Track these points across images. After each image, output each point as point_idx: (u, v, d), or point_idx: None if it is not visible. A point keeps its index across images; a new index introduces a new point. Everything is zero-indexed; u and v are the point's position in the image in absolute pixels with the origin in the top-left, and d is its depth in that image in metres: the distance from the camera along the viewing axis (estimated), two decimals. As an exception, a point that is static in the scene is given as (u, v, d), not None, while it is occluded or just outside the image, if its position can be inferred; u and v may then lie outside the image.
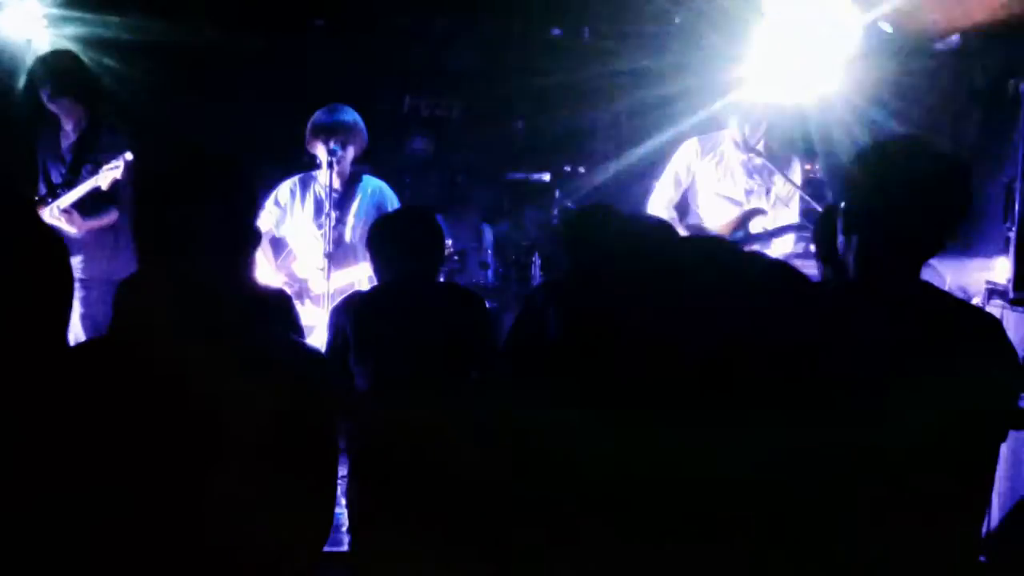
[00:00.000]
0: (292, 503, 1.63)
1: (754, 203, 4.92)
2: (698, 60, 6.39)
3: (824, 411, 1.69)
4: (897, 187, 1.97)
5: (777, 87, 5.23)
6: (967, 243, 4.23)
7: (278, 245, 4.77)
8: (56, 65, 4.66)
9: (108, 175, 4.52)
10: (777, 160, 4.90)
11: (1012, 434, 2.02)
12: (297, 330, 3.08)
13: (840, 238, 2.03)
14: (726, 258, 1.55)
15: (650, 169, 5.27)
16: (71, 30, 5.48)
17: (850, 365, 1.80)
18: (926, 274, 2.03)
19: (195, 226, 1.67)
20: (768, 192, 4.91)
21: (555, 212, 6.39)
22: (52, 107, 4.62)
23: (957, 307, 1.99)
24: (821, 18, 5.30)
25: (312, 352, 1.72)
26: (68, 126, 4.68)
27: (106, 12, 5.51)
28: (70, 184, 4.63)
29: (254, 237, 1.77)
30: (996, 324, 1.98)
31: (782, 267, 1.54)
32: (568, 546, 1.45)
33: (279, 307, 2.94)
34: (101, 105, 4.74)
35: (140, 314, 1.62)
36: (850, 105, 6.34)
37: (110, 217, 4.69)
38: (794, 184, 4.89)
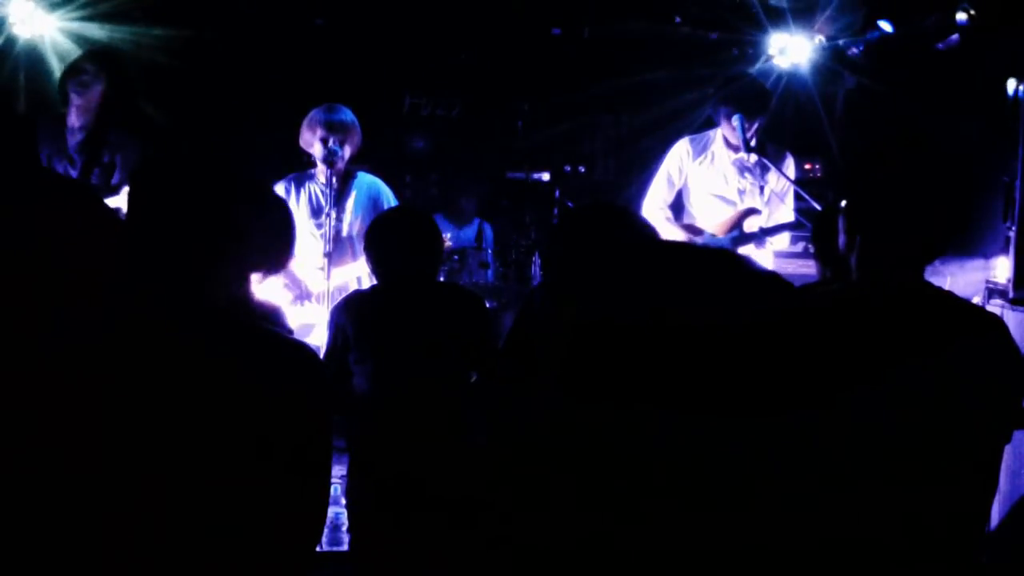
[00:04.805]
0: (284, 502, 1.63)
1: (748, 202, 4.91)
2: (698, 59, 6.40)
3: (825, 412, 1.69)
4: (902, 187, 1.97)
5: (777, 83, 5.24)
6: (967, 243, 4.23)
7: (277, 245, 4.77)
8: (102, 56, 4.63)
9: None
10: (771, 156, 4.89)
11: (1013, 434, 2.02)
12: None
13: (842, 237, 2.03)
14: (724, 260, 1.55)
15: (650, 168, 5.27)
16: (73, 33, 5.48)
17: (854, 363, 1.80)
18: (927, 274, 2.03)
19: (196, 228, 1.67)
20: (762, 190, 4.90)
21: (555, 212, 6.39)
22: (73, 96, 4.54)
23: (960, 307, 1.99)
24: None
25: (305, 348, 1.72)
26: (77, 123, 4.61)
27: (107, 12, 5.51)
28: None
29: (261, 246, 1.77)
30: (999, 324, 1.97)
31: (776, 278, 1.54)
32: (569, 544, 1.45)
33: (269, 312, 2.94)
34: (118, 112, 4.69)
35: (134, 313, 1.62)
36: (852, 104, 6.35)
37: None
38: (788, 179, 4.88)
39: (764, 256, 4.85)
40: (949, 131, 4.93)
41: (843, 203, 2.05)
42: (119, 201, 4.51)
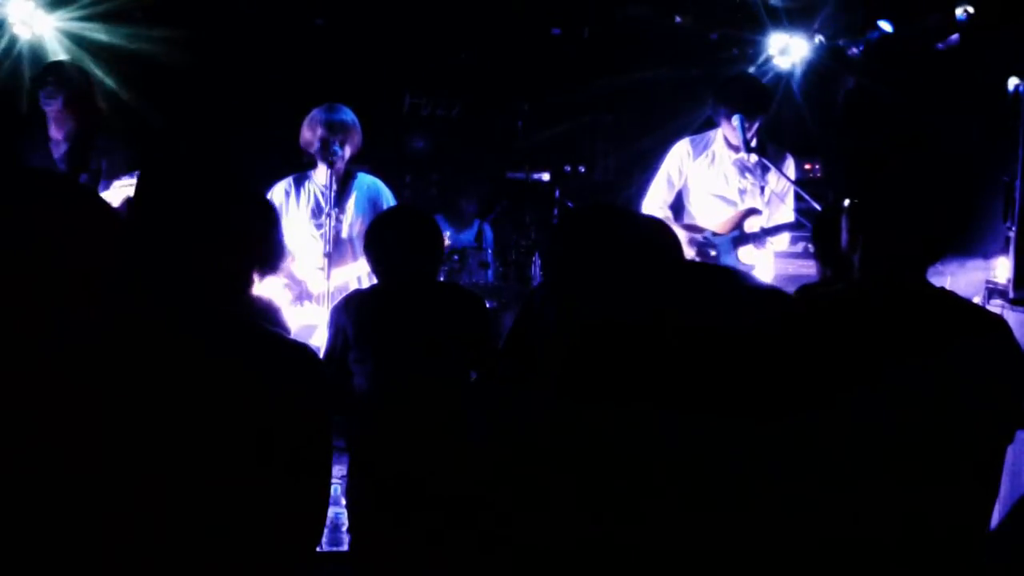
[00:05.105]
0: (284, 502, 1.63)
1: (748, 202, 4.91)
2: (698, 59, 6.41)
3: (825, 413, 1.68)
4: (905, 187, 1.97)
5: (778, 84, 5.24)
6: (967, 243, 4.23)
7: (276, 245, 4.75)
8: (60, 67, 4.65)
9: (121, 191, 4.47)
10: (771, 156, 4.89)
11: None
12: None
13: (845, 237, 2.03)
14: (727, 270, 1.56)
15: (650, 168, 5.27)
16: (73, 33, 5.49)
17: (856, 363, 1.80)
18: (927, 274, 2.03)
19: (197, 229, 1.68)
20: (762, 190, 4.90)
21: (555, 212, 6.39)
22: (47, 109, 4.56)
23: (962, 307, 1.99)
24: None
25: (304, 348, 1.72)
26: (59, 135, 4.61)
27: (106, 12, 5.51)
28: None
29: (262, 245, 1.77)
30: (1002, 324, 1.98)
31: (776, 290, 1.55)
32: (569, 544, 1.45)
33: (268, 312, 2.94)
34: (95, 117, 4.68)
35: (134, 313, 1.62)
36: (852, 104, 6.35)
37: None
38: (788, 179, 4.88)
39: (764, 256, 4.85)
40: (949, 131, 4.93)
41: (846, 202, 2.05)
42: (110, 196, 4.50)
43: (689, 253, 4.76)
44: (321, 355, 3.13)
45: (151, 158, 4.56)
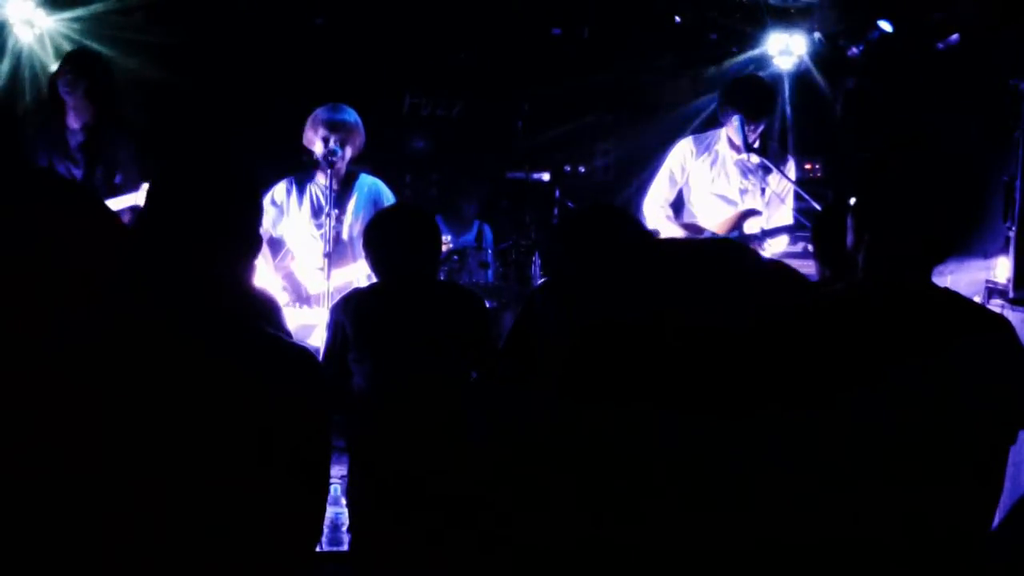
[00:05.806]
0: (284, 502, 1.63)
1: (748, 203, 4.91)
2: (698, 59, 6.42)
3: (825, 412, 1.69)
4: (912, 186, 1.97)
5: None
6: (967, 243, 4.24)
7: (275, 245, 4.77)
8: (82, 56, 4.68)
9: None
10: (773, 158, 4.89)
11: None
12: (284, 335, 3.05)
13: (850, 236, 2.03)
14: (726, 259, 1.55)
15: (650, 168, 5.27)
16: (73, 34, 5.49)
17: (859, 363, 1.80)
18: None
19: (202, 230, 1.68)
20: (763, 191, 4.90)
21: (555, 212, 6.39)
22: (67, 98, 4.57)
23: (966, 307, 1.99)
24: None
25: (303, 350, 1.72)
26: (76, 124, 4.63)
27: (107, 12, 5.52)
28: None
29: (257, 243, 1.78)
30: (1006, 324, 1.98)
31: (781, 267, 1.54)
32: (569, 544, 1.45)
33: (268, 310, 2.93)
34: (112, 108, 4.70)
35: (134, 314, 1.62)
36: (852, 104, 6.35)
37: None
38: (790, 180, 4.88)
39: (762, 257, 4.86)
40: (949, 131, 4.93)
41: (852, 201, 2.05)
42: (123, 202, 4.52)
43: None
44: (321, 354, 3.13)
45: (159, 161, 4.56)
